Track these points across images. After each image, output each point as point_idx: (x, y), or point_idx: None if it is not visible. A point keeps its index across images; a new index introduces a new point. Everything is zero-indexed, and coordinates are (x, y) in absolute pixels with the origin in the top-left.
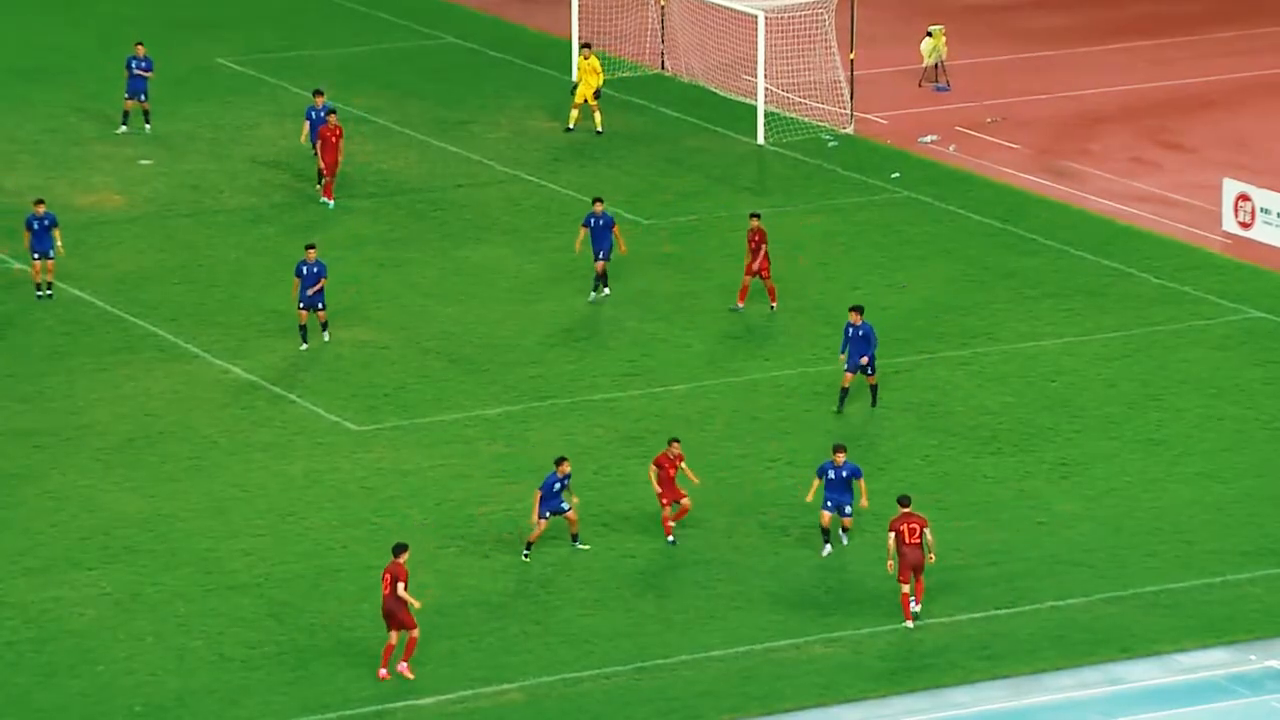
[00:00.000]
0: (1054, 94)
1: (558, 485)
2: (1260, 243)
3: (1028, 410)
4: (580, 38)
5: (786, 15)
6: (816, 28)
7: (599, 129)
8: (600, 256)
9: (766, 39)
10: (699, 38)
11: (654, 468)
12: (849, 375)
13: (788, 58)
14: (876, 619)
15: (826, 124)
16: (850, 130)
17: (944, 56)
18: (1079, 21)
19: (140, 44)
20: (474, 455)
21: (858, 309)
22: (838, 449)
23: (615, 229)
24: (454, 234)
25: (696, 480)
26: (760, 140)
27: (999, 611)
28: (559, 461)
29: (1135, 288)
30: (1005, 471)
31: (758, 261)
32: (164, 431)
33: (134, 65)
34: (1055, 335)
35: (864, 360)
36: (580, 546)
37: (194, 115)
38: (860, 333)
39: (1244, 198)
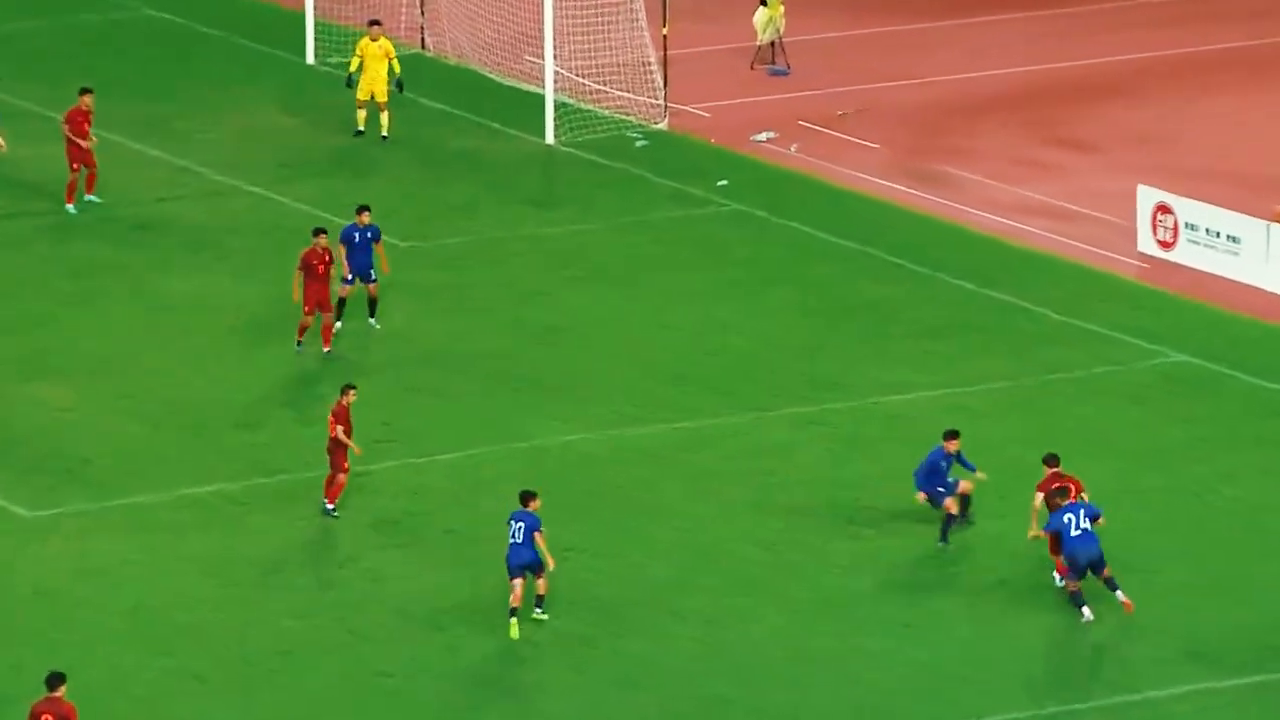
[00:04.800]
0: (921, 78)
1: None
2: (1184, 266)
3: (893, 481)
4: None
5: None
6: None
7: (385, 133)
8: (357, 279)
9: (556, 9)
10: (470, 8)
11: (331, 417)
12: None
13: (584, 33)
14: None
15: (633, 117)
16: (664, 125)
17: (781, 32)
18: None
19: None
20: (181, 546)
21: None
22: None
23: (379, 245)
24: (158, 261)
25: (359, 450)
26: (549, 139)
27: None
28: (527, 498)
29: (1027, 324)
30: (863, 559)
31: (325, 290)
32: None
33: None
34: (926, 386)
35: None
36: (539, 615)
37: None
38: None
39: (1164, 209)
